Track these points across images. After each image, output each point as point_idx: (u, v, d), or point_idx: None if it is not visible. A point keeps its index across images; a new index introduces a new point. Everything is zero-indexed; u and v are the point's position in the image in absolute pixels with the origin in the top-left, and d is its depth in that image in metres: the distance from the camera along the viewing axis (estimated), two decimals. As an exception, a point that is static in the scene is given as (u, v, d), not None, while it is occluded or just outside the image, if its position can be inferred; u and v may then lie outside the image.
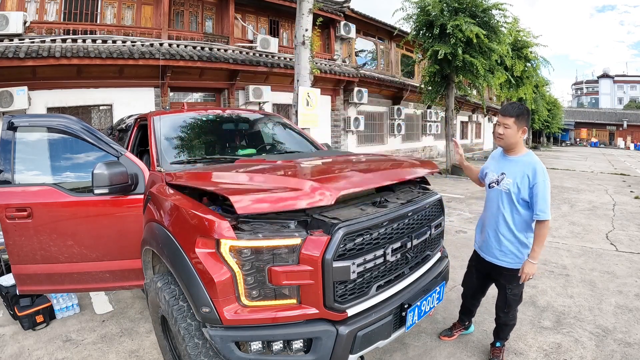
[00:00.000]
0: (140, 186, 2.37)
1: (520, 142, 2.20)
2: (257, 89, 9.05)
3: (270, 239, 1.55)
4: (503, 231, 2.24)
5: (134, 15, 8.38)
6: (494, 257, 2.31)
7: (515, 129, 2.14)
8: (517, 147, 2.21)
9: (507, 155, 2.27)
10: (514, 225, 2.20)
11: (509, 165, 2.22)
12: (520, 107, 2.14)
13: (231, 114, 3.58)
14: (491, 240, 2.31)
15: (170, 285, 1.90)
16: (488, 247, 2.34)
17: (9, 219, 2.33)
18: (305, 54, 6.28)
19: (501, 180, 2.21)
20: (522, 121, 2.15)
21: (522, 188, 2.12)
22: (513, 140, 2.17)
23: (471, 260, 2.60)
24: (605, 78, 56.62)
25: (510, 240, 2.23)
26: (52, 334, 2.82)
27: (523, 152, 2.22)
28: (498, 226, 2.25)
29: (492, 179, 2.30)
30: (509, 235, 2.23)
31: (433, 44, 10.30)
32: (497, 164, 2.31)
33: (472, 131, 22.31)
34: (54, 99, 6.88)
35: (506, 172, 2.20)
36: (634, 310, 3.12)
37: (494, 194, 2.28)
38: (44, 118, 2.66)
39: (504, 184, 2.19)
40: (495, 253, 2.30)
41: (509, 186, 2.16)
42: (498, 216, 2.25)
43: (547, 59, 14.63)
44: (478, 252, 2.46)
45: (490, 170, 2.35)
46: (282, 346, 1.61)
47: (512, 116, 2.12)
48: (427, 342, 2.67)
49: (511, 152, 2.24)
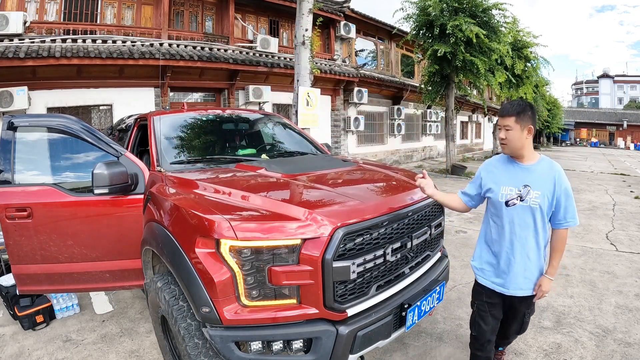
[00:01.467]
0: (140, 186, 2.37)
1: (528, 144, 1.83)
2: (257, 89, 9.06)
3: (270, 239, 1.55)
4: (532, 254, 1.87)
5: (134, 15, 8.38)
6: (519, 288, 1.91)
7: (518, 130, 1.79)
8: (526, 151, 1.85)
9: (520, 163, 1.87)
10: (543, 243, 1.89)
11: (529, 175, 1.83)
12: (521, 104, 1.81)
13: (231, 114, 3.58)
14: (517, 268, 1.88)
15: (170, 285, 1.90)
16: (510, 279, 1.90)
17: (9, 219, 2.33)
18: (305, 54, 6.28)
19: (526, 195, 1.81)
20: (526, 119, 1.79)
21: (552, 199, 1.81)
22: (519, 143, 1.81)
23: (479, 300, 2.07)
24: (605, 78, 56.63)
25: (535, 262, 1.89)
26: (52, 334, 2.82)
27: (537, 156, 1.88)
28: (527, 250, 1.87)
29: (510, 195, 1.85)
30: (536, 256, 1.89)
31: (433, 44, 10.30)
32: (511, 175, 1.88)
33: (472, 131, 22.32)
34: (54, 99, 6.88)
35: (530, 185, 1.81)
36: (634, 310, 3.12)
37: (516, 213, 1.85)
38: (44, 118, 2.65)
39: (532, 199, 1.80)
40: (520, 282, 1.89)
41: (539, 200, 1.79)
42: (526, 238, 1.86)
43: (547, 59, 14.65)
44: (495, 289, 1.97)
45: (502, 185, 1.89)
46: (282, 346, 1.61)
47: (511, 115, 1.79)
48: (427, 342, 2.67)
49: (523, 158, 1.87)
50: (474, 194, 2.06)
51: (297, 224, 1.60)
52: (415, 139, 16.45)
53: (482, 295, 2.04)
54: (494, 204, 1.94)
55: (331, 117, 11.65)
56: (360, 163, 2.80)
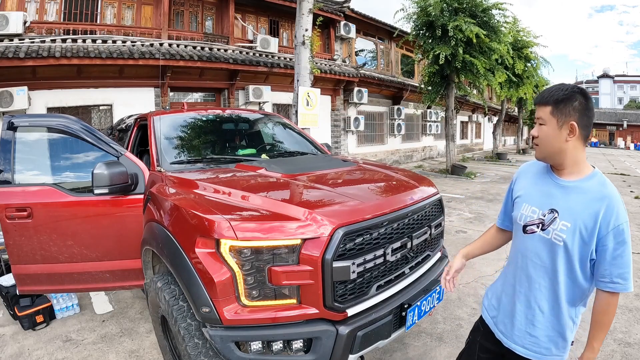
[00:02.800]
0: (140, 186, 2.37)
1: (572, 150, 1.23)
2: (257, 89, 9.06)
3: (270, 239, 1.55)
4: (543, 305, 1.31)
5: (134, 15, 8.38)
6: (521, 346, 1.36)
7: (554, 127, 1.22)
8: (568, 159, 1.25)
9: (557, 176, 1.30)
10: (566, 297, 1.28)
11: (564, 196, 1.26)
12: (565, 89, 1.22)
13: (231, 114, 3.58)
14: (519, 318, 1.36)
15: (170, 285, 1.90)
16: (512, 327, 1.39)
17: (9, 219, 2.33)
18: (305, 54, 6.28)
19: (549, 223, 1.26)
20: (568, 112, 1.20)
21: (589, 238, 1.19)
22: (554, 146, 1.24)
23: (473, 338, 1.61)
24: (605, 78, 56.61)
25: (551, 322, 1.31)
26: (52, 334, 2.82)
27: (586, 170, 1.26)
28: (536, 296, 1.32)
29: (530, 218, 1.32)
30: (552, 313, 1.30)
31: (433, 44, 10.30)
32: (541, 190, 1.33)
33: (472, 131, 22.33)
34: (54, 99, 6.89)
35: (559, 210, 1.25)
36: (633, 310, 3.12)
37: (532, 244, 1.32)
38: (44, 118, 2.65)
39: (556, 231, 1.24)
40: (523, 339, 1.35)
41: (565, 235, 1.22)
42: (538, 281, 1.31)
43: (546, 59, 14.69)
44: (490, 327, 1.50)
45: (527, 202, 1.36)
46: (282, 346, 1.61)
47: (547, 104, 1.23)
48: (427, 342, 2.67)
49: (562, 170, 1.29)
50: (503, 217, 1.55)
51: (297, 224, 1.60)
52: (415, 139, 16.46)
53: (479, 334, 1.57)
54: (514, 224, 1.42)
55: (331, 117, 11.65)
56: (360, 163, 2.80)
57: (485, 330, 1.52)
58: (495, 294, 1.52)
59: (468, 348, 1.63)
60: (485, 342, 1.52)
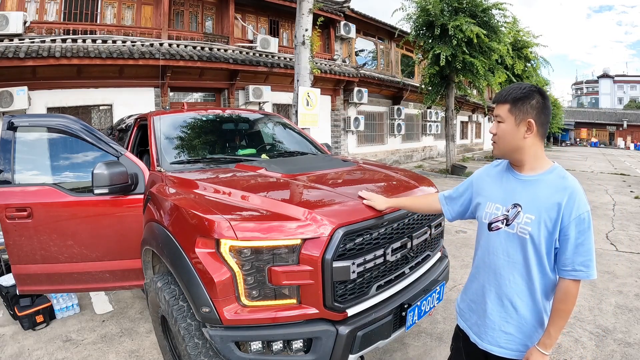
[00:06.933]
0: (140, 186, 2.38)
1: (530, 147, 1.27)
2: (257, 89, 9.06)
3: (270, 239, 1.55)
4: (519, 304, 1.31)
5: (134, 15, 8.38)
6: (496, 345, 1.35)
7: (512, 124, 1.26)
8: (526, 156, 1.29)
9: (517, 172, 1.34)
10: (540, 290, 1.29)
11: (525, 190, 1.29)
12: (522, 88, 1.27)
13: (231, 114, 3.58)
14: (492, 317, 1.36)
15: (170, 285, 1.90)
16: (485, 327, 1.38)
17: (9, 219, 2.33)
18: (305, 54, 6.28)
19: (513, 218, 1.29)
20: (525, 109, 1.24)
21: (553, 229, 1.22)
22: (512, 143, 1.28)
23: (456, 344, 1.59)
24: (605, 78, 56.63)
25: (525, 316, 1.31)
26: (52, 334, 2.82)
27: (545, 165, 1.29)
28: (510, 296, 1.32)
29: (495, 216, 1.34)
30: (528, 308, 1.31)
31: (433, 44, 10.30)
32: (503, 188, 1.35)
33: (472, 131, 22.33)
34: (54, 99, 6.89)
35: (522, 204, 1.28)
36: (634, 310, 3.12)
37: (499, 241, 1.33)
38: (44, 118, 2.66)
39: (521, 225, 1.27)
40: (498, 338, 1.34)
41: (530, 227, 1.24)
42: (508, 277, 1.31)
43: (546, 59, 14.70)
44: (465, 331, 1.48)
45: (490, 200, 1.38)
46: (282, 346, 1.61)
47: (506, 102, 1.27)
48: (427, 342, 2.67)
49: (522, 166, 1.32)
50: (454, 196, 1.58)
51: (297, 223, 1.60)
52: (415, 139, 16.45)
53: (460, 340, 1.54)
54: (480, 224, 1.43)
55: (331, 117, 11.65)
56: (360, 163, 2.80)
57: (464, 336, 1.50)
58: (467, 297, 1.51)
59: (454, 355, 1.62)
60: (467, 347, 1.49)
